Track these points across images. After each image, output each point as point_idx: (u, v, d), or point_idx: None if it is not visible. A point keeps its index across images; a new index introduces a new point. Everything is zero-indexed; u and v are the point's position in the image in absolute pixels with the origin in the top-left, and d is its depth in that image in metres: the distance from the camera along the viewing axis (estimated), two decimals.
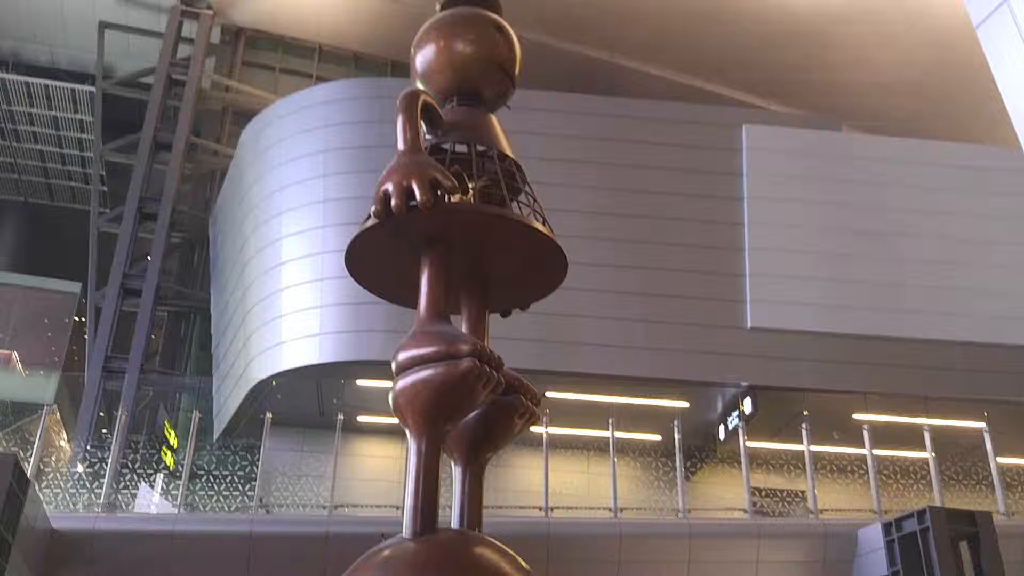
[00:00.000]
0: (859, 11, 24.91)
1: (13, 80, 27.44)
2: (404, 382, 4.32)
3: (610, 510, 15.69)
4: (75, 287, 26.77)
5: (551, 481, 15.88)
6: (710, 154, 19.78)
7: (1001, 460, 16.58)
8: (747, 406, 18.60)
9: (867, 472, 16.37)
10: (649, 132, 19.98)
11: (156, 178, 24.85)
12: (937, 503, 15.22)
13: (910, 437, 16.92)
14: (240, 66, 27.41)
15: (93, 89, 26.92)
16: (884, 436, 17.02)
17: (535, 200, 5.01)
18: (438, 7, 5.42)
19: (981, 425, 17.22)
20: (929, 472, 16.25)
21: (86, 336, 24.42)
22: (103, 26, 26.67)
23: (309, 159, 19.56)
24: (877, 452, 16.58)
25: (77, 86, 27.69)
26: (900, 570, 13.93)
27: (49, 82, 27.63)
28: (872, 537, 14.89)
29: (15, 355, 25.94)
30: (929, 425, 16.72)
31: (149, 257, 23.67)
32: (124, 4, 26.54)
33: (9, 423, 19.08)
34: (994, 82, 9.09)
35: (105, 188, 26.38)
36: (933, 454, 16.27)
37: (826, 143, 20.44)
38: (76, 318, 26.89)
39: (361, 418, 19.34)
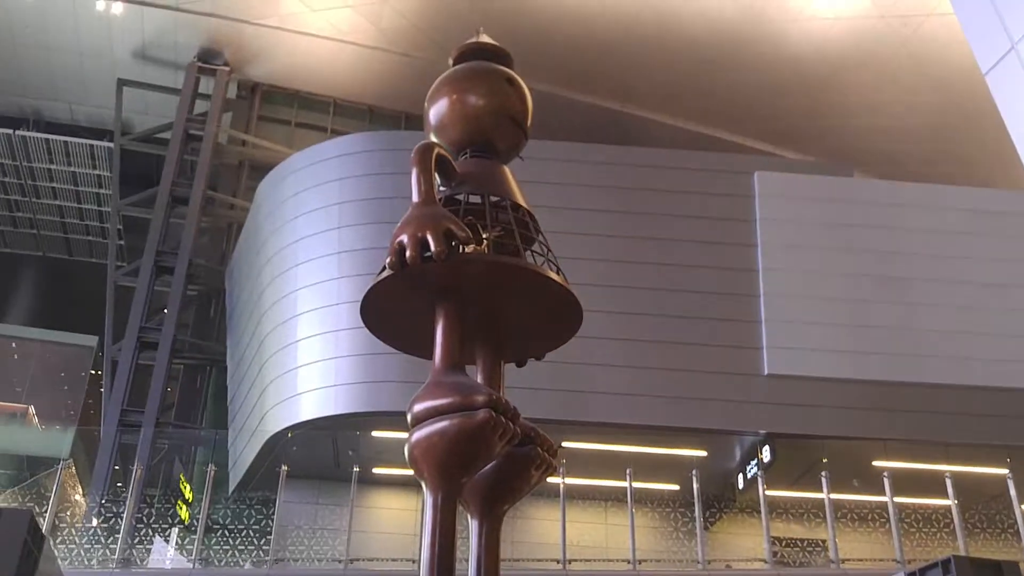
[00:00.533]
0: (868, 58, 25.11)
1: (34, 138, 27.95)
2: (419, 434, 4.30)
3: (629, 562, 15.48)
4: (92, 341, 26.97)
5: (569, 533, 15.71)
6: (722, 201, 19.84)
7: None
8: (766, 454, 18.39)
9: (889, 520, 16.13)
10: (661, 180, 20.08)
11: (173, 232, 25.12)
12: (961, 552, 14.95)
13: (932, 484, 16.67)
14: (256, 120, 27.80)
15: (111, 145, 27.37)
16: (905, 483, 16.79)
17: (549, 249, 5.03)
18: (451, 61, 5.50)
19: (1004, 472, 16.97)
20: (952, 520, 15.99)
21: (102, 389, 24.49)
22: (122, 83, 27.19)
23: (324, 211, 19.73)
24: (898, 500, 16.34)
25: (96, 142, 28.18)
26: None
27: (69, 139, 28.14)
28: None
29: (32, 409, 26.04)
30: (951, 472, 16.48)
31: (165, 310, 23.82)
32: (142, 62, 27.07)
33: (25, 478, 19.09)
34: (1005, 126, 9.10)
35: (122, 242, 26.68)
36: (956, 501, 16.02)
37: (838, 189, 20.47)
38: (92, 371, 27.02)
39: (377, 470, 19.23)
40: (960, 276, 19.27)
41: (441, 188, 4.92)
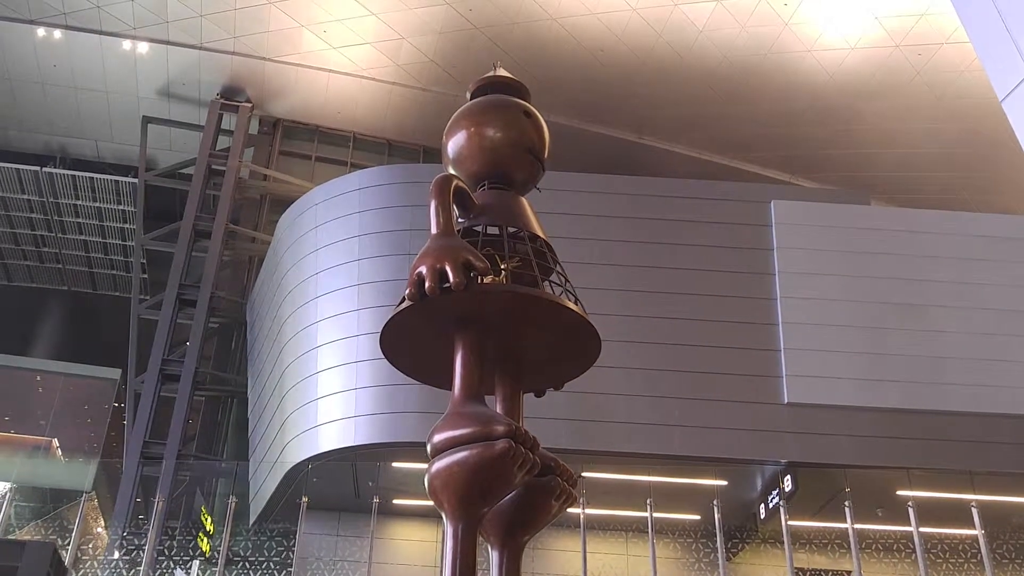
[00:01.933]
0: (884, 86, 25.15)
1: (60, 174, 28.40)
2: (439, 464, 4.33)
3: None
4: (115, 373, 27.16)
5: (590, 564, 15.64)
6: (740, 230, 19.85)
7: None
8: (787, 484, 18.24)
9: (914, 551, 15.93)
10: (678, 210, 20.13)
11: (195, 265, 25.38)
12: None
13: (958, 514, 16.47)
14: (277, 155, 28.14)
15: (136, 181, 27.75)
16: (930, 513, 16.59)
17: (567, 279, 5.07)
18: (468, 95, 5.59)
19: None
20: (980, 550, 15.77)
21: (125, 422, 24.64)
22: (146, 120, 27.65)
23: (344, 244, 19.89)
24: (924, 530, 16.15)
25: (121, 178, 28.60)
26: None
27: (94, 175, 28.57)
28: None
29: (55, 442, 26.21)
30: (976, 501, 16.28)
31: (188, 343, 24.00)
32: (166, 99, 27.53)
33: (48, 510, 19.19)
34: (1022, 153, 9.10)
35: (146, 276, 26.98)
36: (983, 531, 15.81)
37: (855, 216, 20.43)
38: (115, 404, 27.20)
39: (397, 501, 19.21)
40: (980, 303, 19.14)
41: (459, 220, 4.98)
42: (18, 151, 29.16)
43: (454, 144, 5.32)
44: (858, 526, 16.22)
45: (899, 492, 17.58)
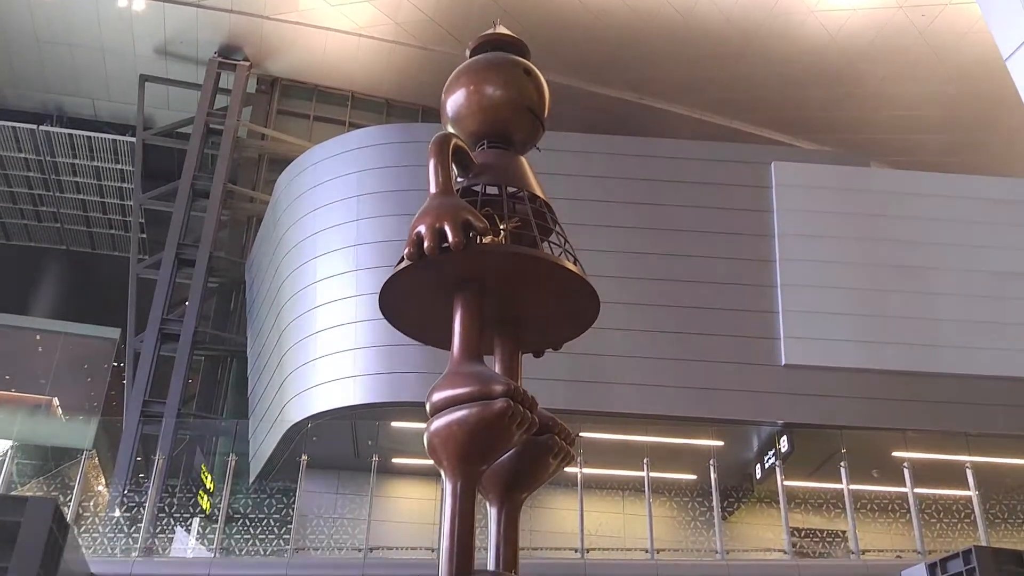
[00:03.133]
0: (886, 47, 24.94)
1: (57, 133, 28.22)
2: (438, 423, 4.35)
3: (646, 551, 15.53)
4: (114, 333, 27.23)
5: (587, 522, 15.78)
6: (740, 191, 19.80)
7: None
8: (783, 444, 18.38)
9: (909, 511, 16.08)
10: (678, 171, 20.06)
11: (194, 225, 25.32)
12: (983, 543, 14.90)
13: (952, 475, 16.62)
14: (275, 114, 27.97)
15: (134, 140, 27.60)
16: (926, 474, 16.74)
17: (566, 240, 5.07)
18: (467, 53, 5.53)
19: None
20: (973, 511, 15.93)
21: (124, 381, 24.75)
22: (143, 79, 27.42)
23: (342, 204, 19.84)
24: (919, 491, 16.29)
25: (118, 137, 28.43)
26: None
27: (91, 134, 28.40)
28: None
29: (55, 401, 26.35)
30: (971, 462, 16.41)
31: (187, 302, 24.02)
32: (164, 58, 27.28)
33: (49, 468, 19.33)
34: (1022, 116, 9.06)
35: (144, 235, 26.91)
36: (977, 492, 15.96)
37: (855, 178, 20.38)
38: (115, 363, 27.30)
39: (396, 460, 19.37)
40: (978, 265, 19.16)
41: (458, 179, 4.97)
42: (14, 109, 28.95)
43: (453, 102, 5.28)
44: (853, 487, 16.36)
45: (895, 453, 17.73)
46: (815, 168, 20.55)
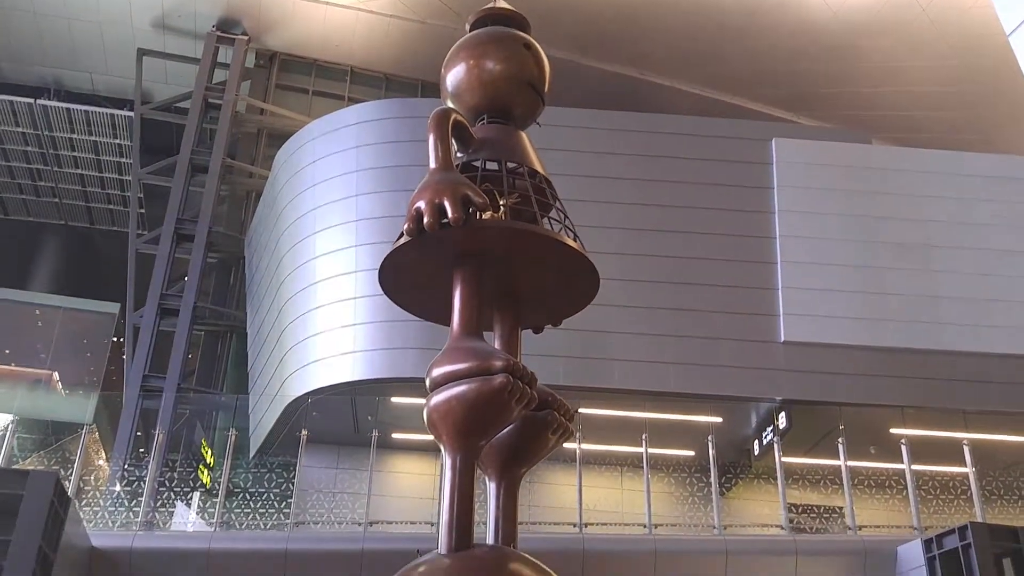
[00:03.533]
0: (888, 23, 24.77)
1: (55, 107, 28.08)
2: (438, 398, 4.37)
3: (644, 526, 15.61)
4: (114, 308, 27.26)
5: (585, 497, 15.84)
6: (740, 168, 19.74)
7: None
8: (782, 421, 18.44)
9: (906, 488, 16.14)
10: (678, 147, 19.98)
11: (193, 200, 25.25)
12: (979, 519, 14.97)
13: (949, 452, 16.67)
14: (274, 89, 27.83)
15: (132, 114, 27.46)
16: (923, 451, 16.79)
17: (566, 216, 5.06)
18: (467, 27, 5.50)
19: (1022, 439, 16.91)
20: (970, 487, 15.99)
21: (124, 356, 24.78)
22: (141, 53, 27.25)
23: (342, 179, 19.77)
24: (916, 467, 16.34)
25: (116, 111, 28.29)
26: None
27: (89, 108, 28.25)
28: (912, 554, 14.68)
29: (56, 375, 26.40)
30: (968, 439, 16.46)
31: (186, 278, 24.01)
32: (162, 31, 27.09)
33: (50, 442, 19.39)
34: None
35: (143, 210, 26.85)
36: (974, 469, 16.02)
37: (856, 155, 20.30)
38: (115, 338, 27.33)
39: (396, 435, 19.43)
40: (978, 243, 19.15)
41: (458, 154, 4.95)
42: (12, 83, 28.79)
43: (453, 77, 5.26)
44: (851, 463, 16.40)
45: (892, 430, 17.77)
46: (816, 145, 20.47)
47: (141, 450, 18.94)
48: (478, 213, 4.41)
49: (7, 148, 29.72)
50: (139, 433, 21.62)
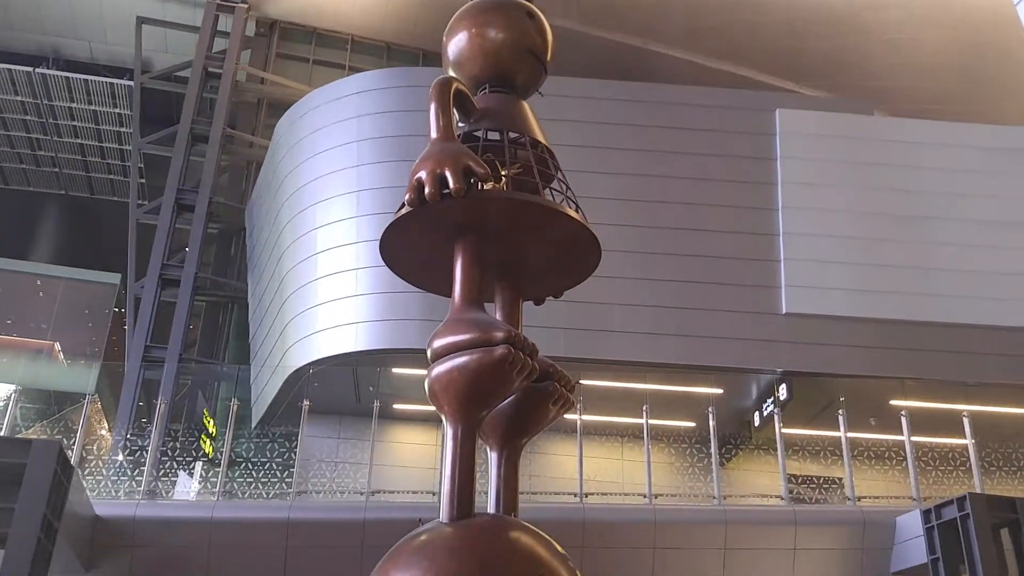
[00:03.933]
0: None
1: (54, 76, 27.92)
2: (439, 369, 4.37)
3: (644, 496, 15.69)
4: (115, 278, 27.27)
5: (586, 468, 15.91)
6: (743, 139, 19.64)
7: None
8: (782, 392, 18.49)
9: (905, 459, 16.21)
10: (682, 118, 19.86)
11: (193, 170, 25.17)
12: (977, 490, 15.05)
13: (949, 423, 16.72)
14: (274, 58, 27.63)
15: (131, 83, 27.32)
16: (922, 422, 16.83)
17: (568, 187, 5.03)
18: None
19: (1022, 411, 16.95)
20: (969, 459, 16.05)
21: (125, 326, 24.82)
22: (141, 21, 27.05)
23: (343, 149, 19.68)
24: (916, 439, 16.40)
25: (116, 81, 28.14)
26: (940, 557, 13.80)
27: (89, 77, 28.11)
28: (911, 524, 14.77)
29: (57, 346, 26.46)
30: (968, 411, 16.50)
31: (187, 248, 23.99)
32: (161, 0, 26.86)
33: (53, 412, 19.47)
34: None
35: (143, 180, 26.77)
36: (973, 440, 16.07)
37: (860, 127, 20.20)
38: (116, 309, 27.37)
39: (397, 406, 19.50)
40: (980, 215, 19.09)
41: (460, 124, 4.91)
42: (11, 52, 28.60)
43: (454, 46, 5.21)
44: (851, 434, 16.45)
45: (892, 402, 17.82)
46: (819, 116, 20.34)
47: (143, 420, 19.02)
48: (480, 184, 4.38)
49: (6, 117, 29.60)
50: (141, 403, 21.70)
